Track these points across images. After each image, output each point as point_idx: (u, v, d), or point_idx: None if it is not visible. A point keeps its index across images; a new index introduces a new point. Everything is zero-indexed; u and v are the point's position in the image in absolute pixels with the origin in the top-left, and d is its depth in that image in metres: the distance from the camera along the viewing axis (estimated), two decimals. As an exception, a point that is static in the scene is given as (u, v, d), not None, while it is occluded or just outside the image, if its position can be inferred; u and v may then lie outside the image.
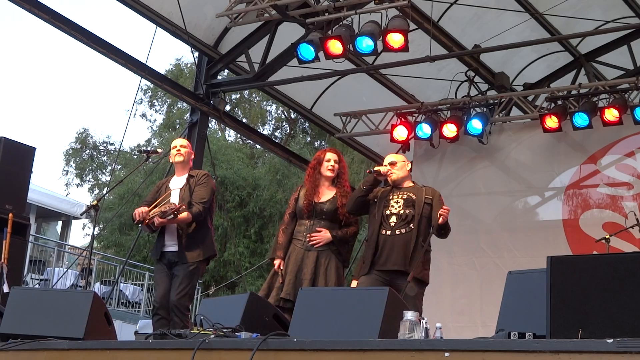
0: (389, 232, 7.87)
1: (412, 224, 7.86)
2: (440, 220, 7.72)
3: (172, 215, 7.98)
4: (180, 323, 7.82)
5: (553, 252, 5.14)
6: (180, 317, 7.95)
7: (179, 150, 8.50)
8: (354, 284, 8.17)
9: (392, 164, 8.14)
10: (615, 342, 4.03)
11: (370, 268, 7.82)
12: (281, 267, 8.11)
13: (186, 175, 8.43)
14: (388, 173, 8.07)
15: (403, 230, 7.85)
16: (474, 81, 13.19)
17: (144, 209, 8.20)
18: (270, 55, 12.09)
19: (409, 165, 8.31)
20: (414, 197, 7.97)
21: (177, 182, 8.47)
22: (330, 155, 8.33)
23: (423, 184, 8.39)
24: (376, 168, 8.11)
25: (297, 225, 8.27)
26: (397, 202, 7.97)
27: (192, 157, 8.80)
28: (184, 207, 8.04)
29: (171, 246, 8.27)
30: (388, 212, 7.95)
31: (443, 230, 7.91)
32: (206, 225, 8.34)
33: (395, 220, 7.89)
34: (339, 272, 8.08)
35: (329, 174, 8.24)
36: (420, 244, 7.81)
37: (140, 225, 8.39)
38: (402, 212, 7.90)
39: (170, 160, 8.68)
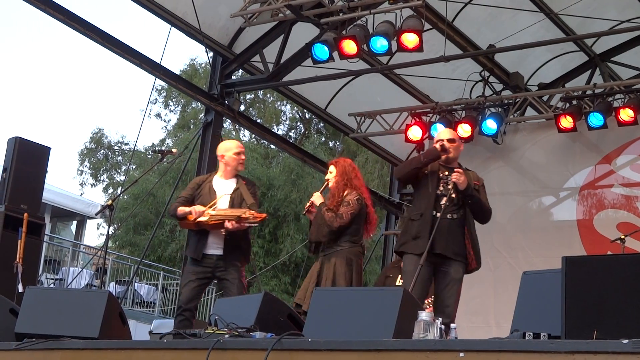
0: (441, 215, 7.55)
1: (462, 210, 7.68)
2: (460, 186, 7.54)
3: (254, 224, 7.93)
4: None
5: (567, 253, 5.12)
6: None
7: (243, 159, 8.34)
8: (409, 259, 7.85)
9: (451, 141, 7.85)
10: (630, 342, 4.02)
11: (429, 248, 7.42)
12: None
13: (235, 180, 8.26)
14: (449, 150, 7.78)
15: (455, 216, 7.65)
16: (489, 81, 13.17)
17: (200, 208, 8.02)
18: (285, 55, 12.09)
19: (462, 146, 8.07)
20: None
21: (226, 185, 8.25)
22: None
23: (466, 167, 8.10)
24: (445, 145, 7.73)
25: None
26: (447, 184, 7.66)
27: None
28: (265, 216, 8.01)
29: (216, 249, 8.06)
30: (439, 192, 7.67)
31: (470, 200, 7.67)
32: (248, 232, 8.29)
33: (448, 204, 7.59)
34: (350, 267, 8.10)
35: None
36: (474, 233, 7.69)
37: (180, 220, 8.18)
38: (454, 196, 7.63)
39: (232, 164, 8.27)
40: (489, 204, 7.90)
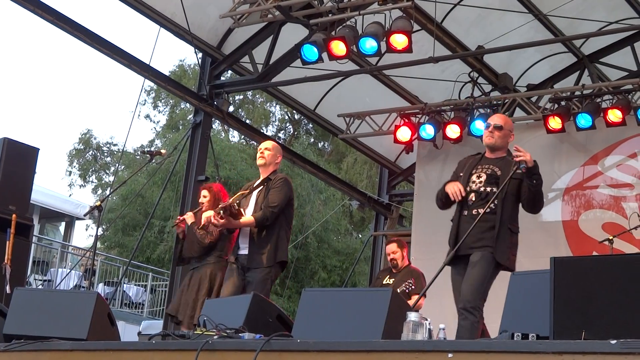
0: (466, 212, 6.94)
1: (493, 204, 6.88)
2: (529, 163, 6.67)
3: (221, 212, 7.83)
4: None
5: (553, 253, 5.15)
6: None
7: (262, 153, 8.20)
8: None
9: (498, 128, 7.09)
10: (618, 343, 4.02)
11: (454, 254, 6.85)
12: None
13: (265, 178, 8.21)
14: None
15: (481, 210, 6.85)
16: (478, 82, 13.18)
17: (210, 212, 8.08)
18: (274, 56, 12.10)
19: (512, 136, 7.21)
20: (498, 172, 6.98)
21: (258, 185, 8.25)
22: None
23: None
24: (459, 193, 6.94)
25: None
26: (479, 177, 7.02)
27: (278, 160, 8.29)
28: (234, 205, 7.86)
29: (243, 249, 8.00)
30: (469, 188, 6.99)
31: (535, 180, 6.86)
32: (279, 229, 7.99)
33: (474, 199, 6.97)
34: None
35: None
36: (506, 226, 6.98)
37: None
38: (482, 189, 6.95)
39: None
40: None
